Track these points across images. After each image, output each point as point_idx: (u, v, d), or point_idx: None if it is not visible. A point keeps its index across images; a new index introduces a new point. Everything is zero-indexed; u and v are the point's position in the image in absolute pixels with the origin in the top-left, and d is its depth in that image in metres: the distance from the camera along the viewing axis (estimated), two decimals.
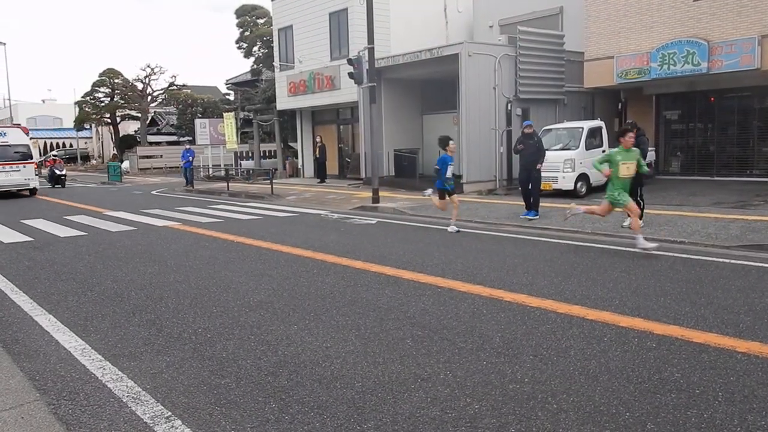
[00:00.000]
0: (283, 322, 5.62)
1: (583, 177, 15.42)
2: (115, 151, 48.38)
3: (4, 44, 46.02)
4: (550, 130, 16.52)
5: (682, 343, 4.74)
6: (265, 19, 35.29)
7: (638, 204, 10.40)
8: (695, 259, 8.01)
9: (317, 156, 25.02)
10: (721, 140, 18.90)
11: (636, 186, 9.97)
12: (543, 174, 15.85)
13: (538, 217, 11.96)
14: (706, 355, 4.47)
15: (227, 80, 42.40)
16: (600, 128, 16.37)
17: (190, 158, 25.74)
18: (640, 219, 9.80)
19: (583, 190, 15.42)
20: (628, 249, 8.79)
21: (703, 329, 5.04)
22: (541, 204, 12.54)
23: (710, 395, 3.81)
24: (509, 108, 18.56)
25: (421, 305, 6.04)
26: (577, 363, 4.40)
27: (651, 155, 18.38)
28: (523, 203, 12.54)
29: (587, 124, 16.32)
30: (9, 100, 51.17)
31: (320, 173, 24.58)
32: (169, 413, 3.76)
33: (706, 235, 9.47)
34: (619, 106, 20.65)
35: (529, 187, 12.28)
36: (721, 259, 7.91)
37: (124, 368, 4.53)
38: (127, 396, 4.03)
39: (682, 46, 16.60)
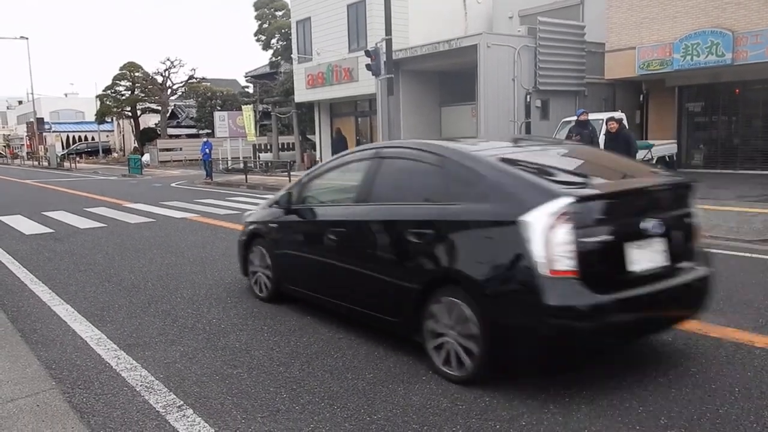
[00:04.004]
0: (296, 313, 5.63)
1: None
2: (136, 144, 48.93)
3: (27, 39, 46.69)
4: (569, 122, 16.33)
5: (699, 337, 4.67)
6: (283, 11, 35.30)
7: None
8: (715, 253, 7.86)
9: (332, 142, 25.01)
10: (745, 133, 18.55)
11: None
12: None
13: None
14: (723, 350, 4.39)
15: (246, 73, 42.63)
16: (621, 120, 16.12)
17: (207, 150, 25.92)
18: None
19: None
20: None
21: (721, 324, 4.96)
22: None
23: (726, 390, 3.74)
24: (528, 100, 18.40)
25: None
26: (590, 355, 4.34)
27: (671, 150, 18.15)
28: None
29: (608, 116, 16.11)
30: (32, 94, 51.90)
31: None
32: (181, 402, 3.79)
33: (727, 229, 9.30)
34: (641, 98, 20.36)
35: None
36: (742, 254, 7.77)
37: (138, 358, 4.58)
38: (141, 385, 4.07)
39: (705, 36, 16.29)
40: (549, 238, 3.51)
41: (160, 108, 46.84)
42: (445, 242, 4.05)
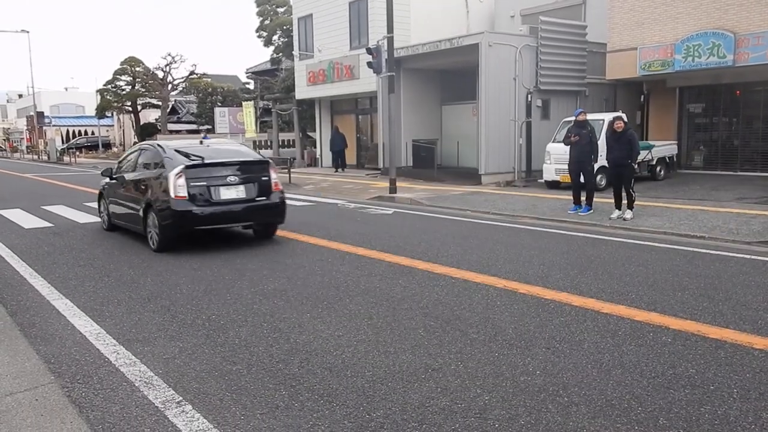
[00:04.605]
0: (296, 310, 5.63)
1: (603, 169, 15.23)
2: (136, 139, 48.82)
3: (28, 32, 46.62)
4: (569, 122, 16.32)
5: (698, 338, 4.67)
6: (285, 7, 35.26)
7: (629, 196, 10.77)
8: (715, 254, 7.88)
9: (331, 141, 25.10)
10: (745, 134, 18.54)
11: (626, 179, 10.71)
12: (556, 166, 15.72)
13: (592, 211, 11.40)
14: (722, 351, 4.40)
15: (247, 69, 42.55)
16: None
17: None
18: (631, 210, 10.70)
19: (603, 182, 15.23)
20: (646, 243, 8.68)
21: (721, 325, 4.96)
22: (558, 197, 12.40)
23: (725, 392, 3.75)
24: (529, 99, 18.37)
25: (434, 296, 6.02)
26: (590, 356, 4.35)
27: (670, 149, 18.15)
28: (571, 197, 11.86)
29: (608, 117, 16.10)
30: (32, 87, 51.82)
31: (336, 162, 24.64)
32: (180, 398, 3.80)
33: (727, 231, 9.32)
34: (642, 99, 20.33)
35: (581, 180, 11.67)
36: (741, 255, 7.78)
37: (137, 353, 4.58)
38: (140, 380, 4.07)
39: (707, 38, 16.27)
40: (175, 182, 8.26)
41: (160, 103, 46.74)
42: (150, 187, 8.80)
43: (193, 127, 47.15)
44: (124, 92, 46.25)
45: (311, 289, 6.39)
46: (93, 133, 58.60)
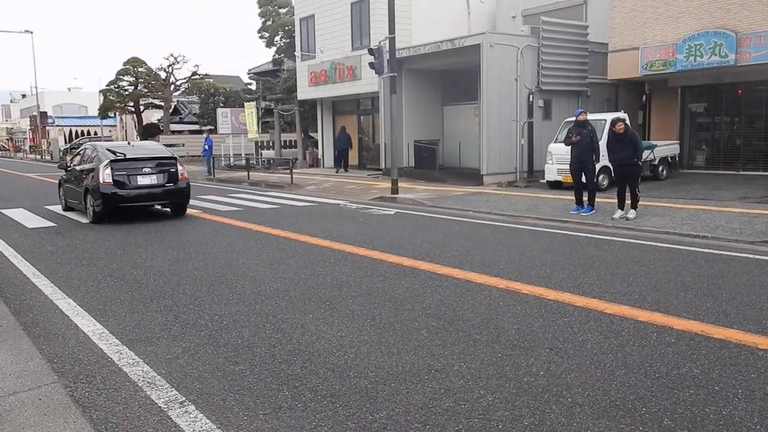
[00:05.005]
0: (298, 310, 5.63)
1: (605, 169, 15.21)
2: (139, 140, 48.84)
3: (32, 33, 46.69)
4: (571, 121, 16.30)
5: (702, 338, 4.66)
6: (287, 8, 35.26)
7: (634, 195, 10.78)
8: (718, 254, 7.86)
9: (335, 140, 25.22)
10: (747, 134, 18.51)
11: (633, 178, 10.76)
12: (558, 166, 15.69)
13: (594, 211, 11.36)
14: (726, 351, 4.39)
15: (249, 70, 42.55)
16: (625, 120, 16.08)
17: (206, 146, 25.98)
18: (635, 209, 10.73)
19: (605, 183, 15.22)
20: (649, 243, 8.67)
21: (725, 325, 4.95)
22: (560, 197, 12.38)
23: (730, 392, 3.74)
24: (531, 99, 18.36)
25: (437, 296, 6.01)
26: (593, 357, 4.34)
27: (672, 149, 18.12)
28: (573, 198, 11.84)
29: (610, 117, 16.07)
30: (35, 87, 51.88)
31: (339, 162, 24.74)
32: (183, 398, 3.79)
33: (730, 230, 9.30)
34: (644, 98, 20.31)
35: (583, 180, 11.61)
36: (744, 255, 7.76)
37: (140, 353, 4.58)
38: (143, 380, 4.07)
39: (709, 37, 16.25)
40: (103, 171, 11.39)
41: (163, 104, 46.80)
42: (88, 176, 11.95)
43: (196, 127, 47.25)
44: (126, 92, 46.32)
45: (314, 289, 6.39)
46: (96, 134, 58.70)
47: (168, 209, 12.88)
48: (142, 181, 11.75)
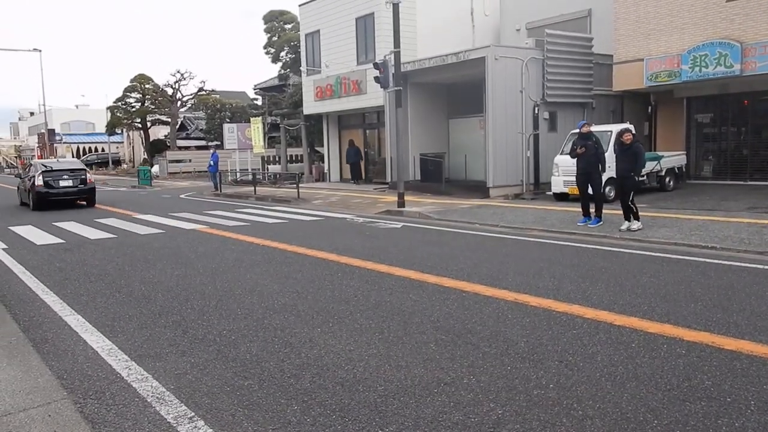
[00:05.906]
0: (306, 324, 5.62)
1: (611, 181, 15.18)
2: (146, 156, 49.19)
3: (40, 51, 47.18)
4: (576, 133, 16.30)
5: (713, 350, 4.63)
6: (292, 24, 35.54)
7: (626, 207, 10.72)
8: (727, 264, 7.82)
9: (346, 154, 25.47)
10: (754, 143, 18.47)
11: (624, 190, 10.77)
12: (564, 178, 15.67)
13: (601, 223, 11.32)
14: (738, 363, 4.35)
15: (255, 85, 42.82)
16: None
17: (211, 162, 26.10)
18: (638, 220, 10.68)
19: (612, 194, 15.18)
20: (657, 254, 8.63)
21: (736, 336, 4.91)
22: (566, 209, 12.35)
23: (742, 404, 3.70)
24: (536, 112, 18.40)
25: (445, 309, 6.00)
26: (603, 369, 4.32)
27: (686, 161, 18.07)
28: (580, 209, 11.84)
29: (616, 128, 16.07)
30: (44, 105, 52.36)
31: (355, 175, 25.20)
32: (193, 414, 3.79)
33: (738, 241, 9.25)
34: (649, 110, 20.32)
35: (589, 192, 11.63)
36: (754, 265, 7.71)
37: (149, 369, 4.58)
38: (152, 396, 4.07)
39: (714, 47, 16.28)
40: (38, 178, 18.69)
41: (169, 120, 47.16)
42: (31, 181, 19.39)
43: (202, 143, 47.49)
44: (133, 109, 46.72)
45: (321, 303, 6.38)
46: (103, 150, 59.10)
47: (84, 202, 19.77)
48: (63, 184, 18.97)
